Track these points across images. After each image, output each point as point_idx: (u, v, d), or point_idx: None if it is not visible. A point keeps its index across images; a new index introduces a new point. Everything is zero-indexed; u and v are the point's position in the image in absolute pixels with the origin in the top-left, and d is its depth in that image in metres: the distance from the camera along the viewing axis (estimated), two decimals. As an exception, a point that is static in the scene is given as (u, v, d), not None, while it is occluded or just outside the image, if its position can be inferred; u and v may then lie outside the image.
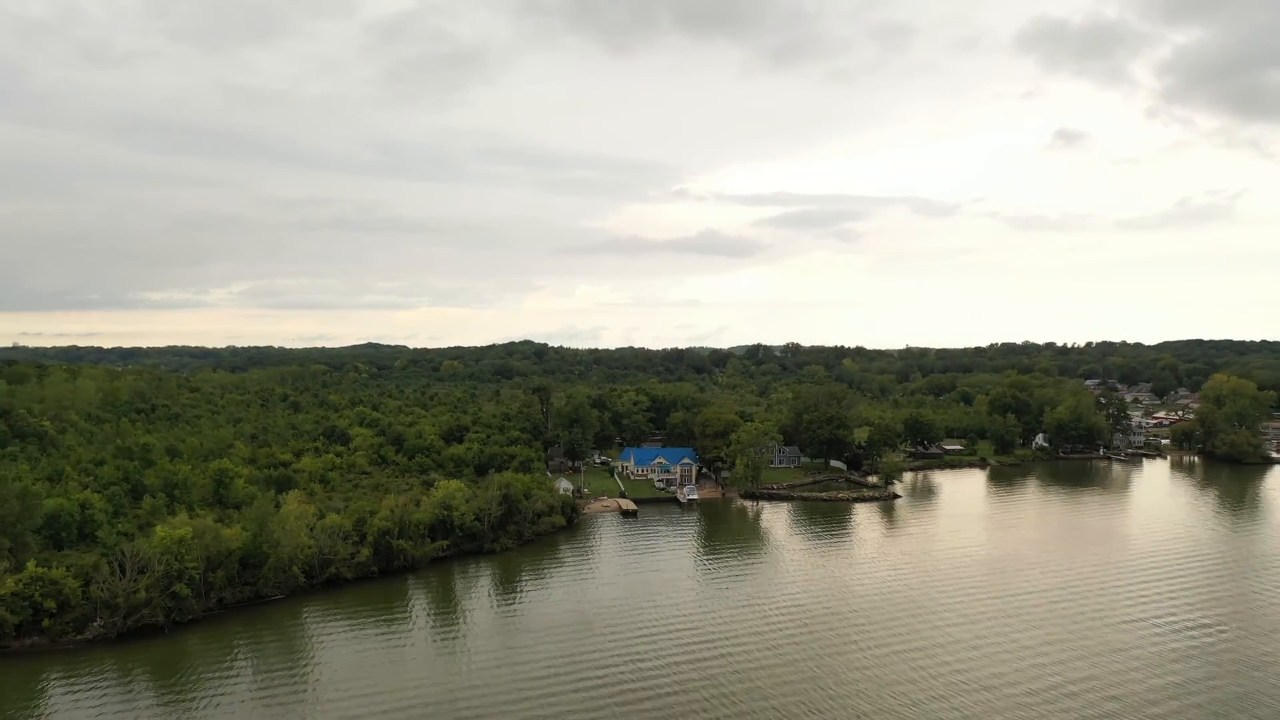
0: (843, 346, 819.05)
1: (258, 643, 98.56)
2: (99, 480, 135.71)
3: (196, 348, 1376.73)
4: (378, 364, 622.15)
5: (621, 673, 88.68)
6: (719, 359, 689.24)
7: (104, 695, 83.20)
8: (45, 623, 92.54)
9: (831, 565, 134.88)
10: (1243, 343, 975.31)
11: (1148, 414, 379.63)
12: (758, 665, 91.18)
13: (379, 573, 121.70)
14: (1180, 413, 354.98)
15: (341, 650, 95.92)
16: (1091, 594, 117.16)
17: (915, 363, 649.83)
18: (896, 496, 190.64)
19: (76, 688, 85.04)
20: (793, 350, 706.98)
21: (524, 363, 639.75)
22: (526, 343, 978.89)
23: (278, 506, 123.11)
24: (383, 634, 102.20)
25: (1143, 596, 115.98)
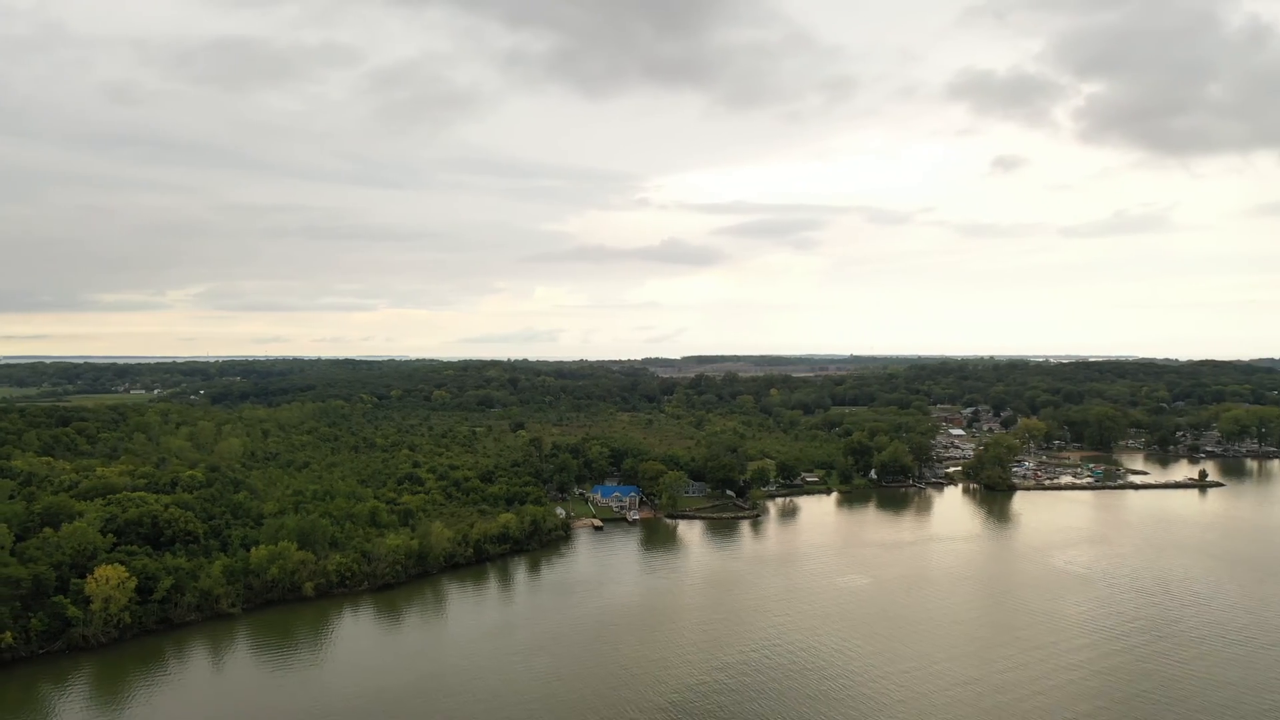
0: (772, 375, 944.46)
1: (424, 593, 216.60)
2: (313, 513, 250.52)
3: (186, 363, 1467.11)
4: (376, 394, 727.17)
5: (592, 604, 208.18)
6: (668, 387, 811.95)
7: (371, 616, 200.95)
8: (347, 582, 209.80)
9: (713, 553, 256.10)
10: (1124, 363, 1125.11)
11: (978, 445, 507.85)
12: (665, 597, 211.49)
13: (475, 561, 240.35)
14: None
15: (457, 597, 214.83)
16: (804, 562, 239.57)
17: (830, 391, 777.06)
18: (758, 517, 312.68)
19: (359, 611, 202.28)
20: (730, 380, 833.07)
21: (501, 392, 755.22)
22: (494, 363, 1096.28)
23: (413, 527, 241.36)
24: (476, 590, 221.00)
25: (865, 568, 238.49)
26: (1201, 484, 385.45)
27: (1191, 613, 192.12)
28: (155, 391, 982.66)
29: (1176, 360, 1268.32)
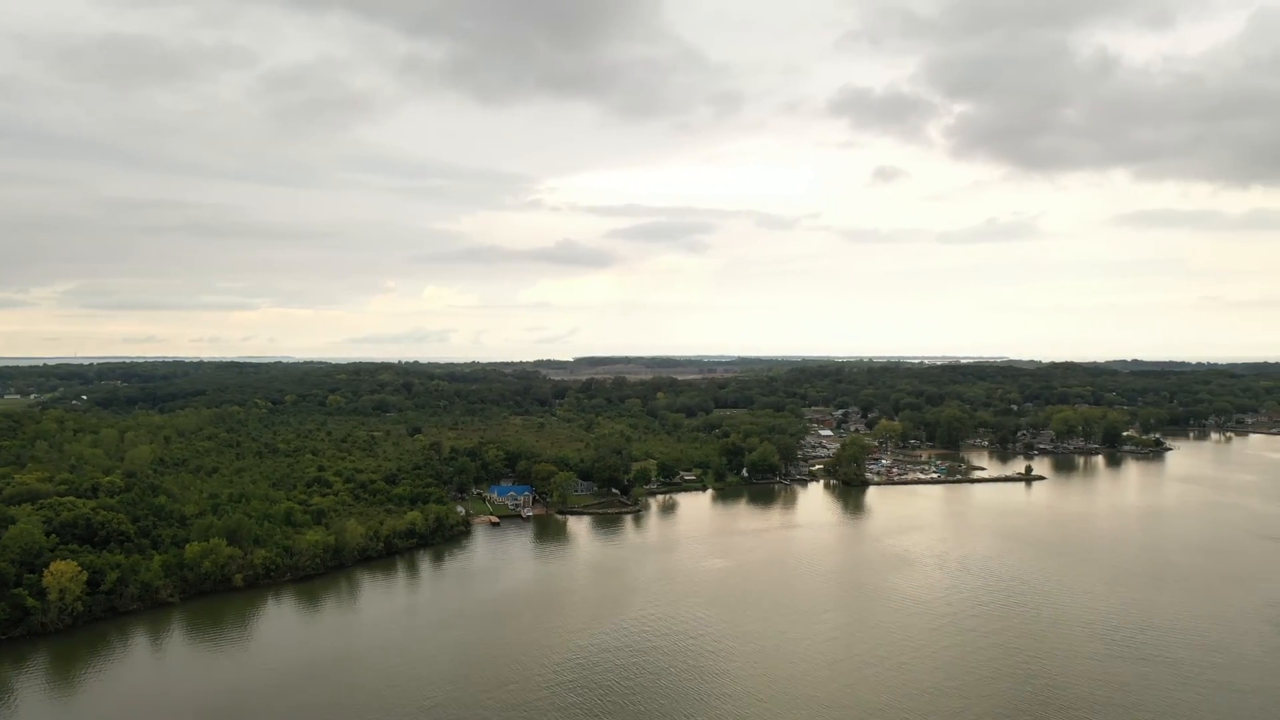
0: (660, 377, 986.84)
1: (339, 584, 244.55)
2: (235, 514, 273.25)
3: (58, 365, 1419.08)
4: (271, 399, 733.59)
5: (492, 588, 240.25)
6: (559, 391, 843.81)
7: (293, 601, 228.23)
8: (271, 574, 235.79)
9: (598, 544, 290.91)
10: (987, 365, 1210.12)
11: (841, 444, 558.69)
12: (555, 581, 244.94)
13: (385, 555, 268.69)
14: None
15: (371, 586, 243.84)
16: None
17: (713, 395, 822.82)
18: (640, 512, 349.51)
19: (283, 598, 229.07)
20: (619, 384, 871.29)
21: (396, 396, 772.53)
22: (387, 365, 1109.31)
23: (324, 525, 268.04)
24: (388, 579, 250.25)
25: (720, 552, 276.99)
26: (1027, 478, 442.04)
27: (979, 581, 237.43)
28: (32, 396, 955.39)
29: (1038, 362, 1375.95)
